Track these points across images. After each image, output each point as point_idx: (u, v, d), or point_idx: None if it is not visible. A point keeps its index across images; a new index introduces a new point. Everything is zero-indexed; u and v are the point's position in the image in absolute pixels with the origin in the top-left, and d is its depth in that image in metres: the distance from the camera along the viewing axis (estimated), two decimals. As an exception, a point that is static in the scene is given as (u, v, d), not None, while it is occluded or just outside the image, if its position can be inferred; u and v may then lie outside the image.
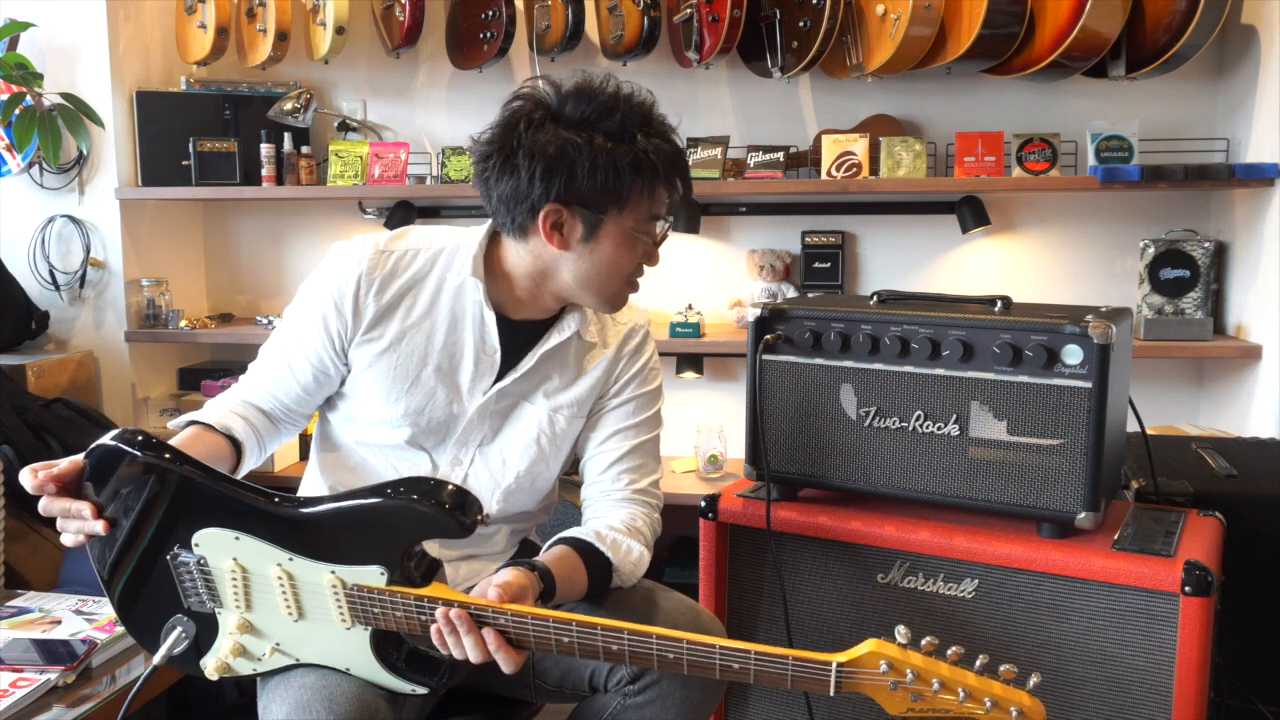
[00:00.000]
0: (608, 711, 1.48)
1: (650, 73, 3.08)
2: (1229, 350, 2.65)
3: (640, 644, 1.24)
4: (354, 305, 1.50)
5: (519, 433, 1.57)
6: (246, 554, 1.33)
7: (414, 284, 1.52)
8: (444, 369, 1.53)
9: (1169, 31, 2.53)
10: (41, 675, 1.62)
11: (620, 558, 1.48)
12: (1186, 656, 1.45)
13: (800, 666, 1.20)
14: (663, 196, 1.47)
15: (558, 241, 1.44)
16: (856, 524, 1.66)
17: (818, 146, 2.88)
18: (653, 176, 1.43)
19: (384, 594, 1.29)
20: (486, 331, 1.52)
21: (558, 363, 1.58)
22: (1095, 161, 2.72)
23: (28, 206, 3.12)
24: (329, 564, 1.31)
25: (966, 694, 1.16)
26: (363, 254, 1.51)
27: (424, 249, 1.54)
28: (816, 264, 3.04)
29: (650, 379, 1.64)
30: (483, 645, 1.26)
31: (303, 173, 3.12)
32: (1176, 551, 1.51)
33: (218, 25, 3.00)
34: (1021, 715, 1.16)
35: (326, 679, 1.33)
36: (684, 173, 1.48)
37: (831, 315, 1.69)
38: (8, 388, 2.63)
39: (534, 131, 1.41)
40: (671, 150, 1.45)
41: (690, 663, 1.23)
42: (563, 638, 1.25)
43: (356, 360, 1.53)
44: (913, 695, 1.18)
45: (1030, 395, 1.55)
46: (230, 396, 1.56)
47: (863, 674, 1.19)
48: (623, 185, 1.41)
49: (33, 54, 2.98)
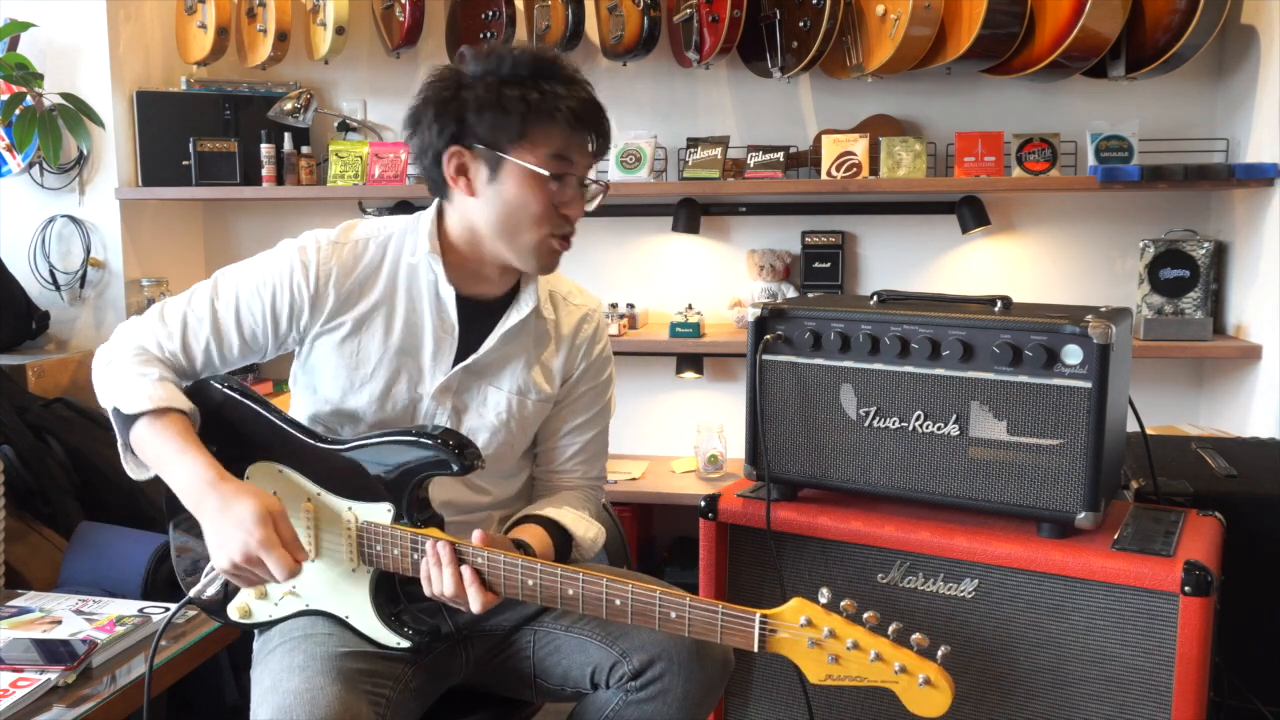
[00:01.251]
0: (610, 708, 1.48)
1: (650, 73, 3.09)
2: (1229, 350, 2.66)
3: (592, 587, 1.33)
4: (312, 295, 1.51)
5: (485, 417, 1.57)
6: (285, 487, 1.48)
7: (370, 271, 1.54)
8: (407, 349, 1.54)
9: (1169, 31, 2.53)
10: (41, 675, 1.62)
11: (581, 533, 1.57)
12: (1186, 656, 1.45)
13: (729, 617, 1.27)
14: (562, 136, 1.45)
15: (465, 187, 1.48)
16: (856, 524, 1.66)
17: (818, 146, 2.88)
18: (543, 112, 1.44)
19: (387, 530, 1.42)
20: (444, 309, 1.54)
21: (520, 345, 1.59)
22: (1095, 161, 2.73)
23: (28, 206, 3.12)
24: (349, 500, 1.45)
25: (877, 656, 1.22)
26: (319, 245, 1.53)
27: (374, 236, 1.56)
28: (816, 264, 3.04)
29: (603, 368, 1.69)
30: (458, 579, 1.35)
31: (303, 173, 3.12)
32: (1176, 551, 1.51)
33: (218, 25, 3.00)
34: (928, 683, 1.20)
35: (311, 682, 1.34)
36: (588, 117, 1.47)
37: (831, 315, 1.69)
38: (8, 388, 2.63)
39: (435, 89, 1.48)
40: (568, 93, 1.45)
41: (634, 610, 1.32)
42: (527, 579, 1.35)
43: (318, 350, 1.54)
44: (830, 656, 1.23)
45: (1030, 395, 1.56)
46: (159, 365, 1.50)
47: (783, 628, 1.25)
48: (511, 120, 1.43)
49: (33, 54, 2.98)
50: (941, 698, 1.21)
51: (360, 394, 1.53)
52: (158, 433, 1.44)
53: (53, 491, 2.45)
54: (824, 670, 1.25)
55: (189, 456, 1.41)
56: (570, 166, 1.47)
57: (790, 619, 1.25)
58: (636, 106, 3.12)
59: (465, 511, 1.57)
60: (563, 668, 1.53)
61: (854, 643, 1.22)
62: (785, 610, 1.25)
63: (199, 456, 1.41)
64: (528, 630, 1.57)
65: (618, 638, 1.48)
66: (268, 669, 1.42)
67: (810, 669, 1.26)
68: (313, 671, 1.36)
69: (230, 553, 1.33)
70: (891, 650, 1.22)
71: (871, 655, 1.22)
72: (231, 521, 1.33)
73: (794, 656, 1.26)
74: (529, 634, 1.57)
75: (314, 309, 1.52)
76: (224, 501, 1.35)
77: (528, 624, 1.58)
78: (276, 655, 1.44)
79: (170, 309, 1.54)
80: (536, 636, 1.56)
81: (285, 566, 1.32)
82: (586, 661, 1.50)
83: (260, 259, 1.55)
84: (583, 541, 1.57)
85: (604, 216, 3.17)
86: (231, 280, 1.54)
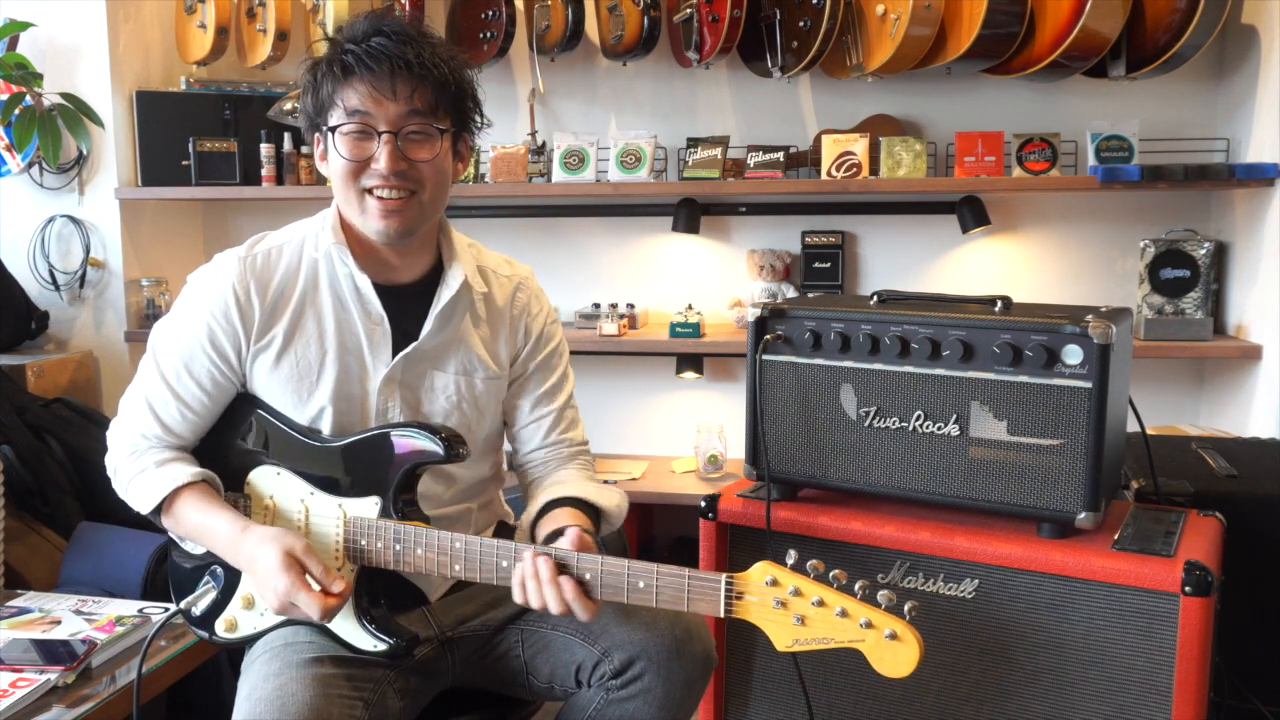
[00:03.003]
0: (591, 707, 1.48)
1: (650, 73, 3.09)
2: (1229, 350, 2.65)
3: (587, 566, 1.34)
4: (240, 314, 1.48)
5: (436, 403, 1.55)
6: (281, 489, 1.50)
7: (288, 277, 1.51)
8: (345, 347, 1.51)
9: (1169, 31, 2.53)
10: (41, 675, 1.62)
11: (607, 503, 1.56)
12: (1186, 656, 1.45)
13: (696, 581, 1.28)
14: (356, 92, 1.42)
15: (327, 170, 1.48)
16: (856, 524, 1.66)
17: (818, 146, 2.87)
18: (337, 75, 1.42)
19: (374, 524, 1.43)
20: (365, 300, 1.51)
21: (458, 325, 1.56)
22: (1095, 161, 2.72)
23: (28, 206, 3.12)
24: (339, 497, 1.46)
25: (843, 611, 1.21)
26: (228, 266, 1.49)
27: (286, 242, 1.54)
28: (816, 264, 3.04)
29: (552, 335, 1.67)
30: (560, 594, 1.31)
31: (303, 173, 3.12)
32: (1176, 551, 1.51)
33: (218, 25, 3.00)
34: (894, 637, 1.20)
35: (283, 689, 1.35)
36: (382, 63, 1.40)
37: (831, 315, 1.69)
38: (8, 388, 2.63)
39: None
40: (368, 48, 1.41)
41: (605, 584, 1.32)
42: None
43: (256, 372, 1.50)
44: (795, 617, 1.23)
45: (1030, 395, 1.55)
46: (152, 453, 1.51)
47: (750, 590, 1.25)
48: (320, 93, 1.44)
49: (33, 54, 2.98)
50: (909, 652, 1.21)
51: (310, 404, 1.50)
52: (179, 519, 1.48)
53: (52, 491, 2.45)
54: (790, 634, 1.24)
55: (210, 526, 1.45)
56: (368, 119, 1.42)
57: (756, 579, 1.26)
58: (636, 106, 3.12)
59: (437, 505, 1.56)
60: (550, 666, 1.53)
61: (819, 599, 1.23)
62: (751, 571, 1.27)
63: (219, 521, 1.44)
64: (514, 630, 1.57)
65: (599, 636, 1.48)
66: (247, 678, 1.44)
67: (777, 634, 1.25)
68: (286, 678, 1.37)
69: (270, 603, 1.37)
70: (857, 606, 1.22)
71: (837, 610, 1.22)
72: (260, 574, 1.37)
73: (760, 622, 1.26)
74: (515, 633, 1.56)
75: (244, 328, 1.48)
76: (250, 558, 1.39)
77: (513, 623, 1.57)
78: (257, 665, 1.45)
79: (133, 399, 1.53)
80: (524, 635, 1.56)
81: (317, 606, 1.33)
82: (571, 660, 1.50)
83: (181, 307, 1.52)
84: (610, 511, 1.56)
85: (604, 216, 3.17)
86: (166, 345, 1.51)
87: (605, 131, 3.10)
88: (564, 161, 2.96)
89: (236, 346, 1.49)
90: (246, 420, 1.53)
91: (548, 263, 3.19)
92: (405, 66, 1.41)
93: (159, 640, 1.78)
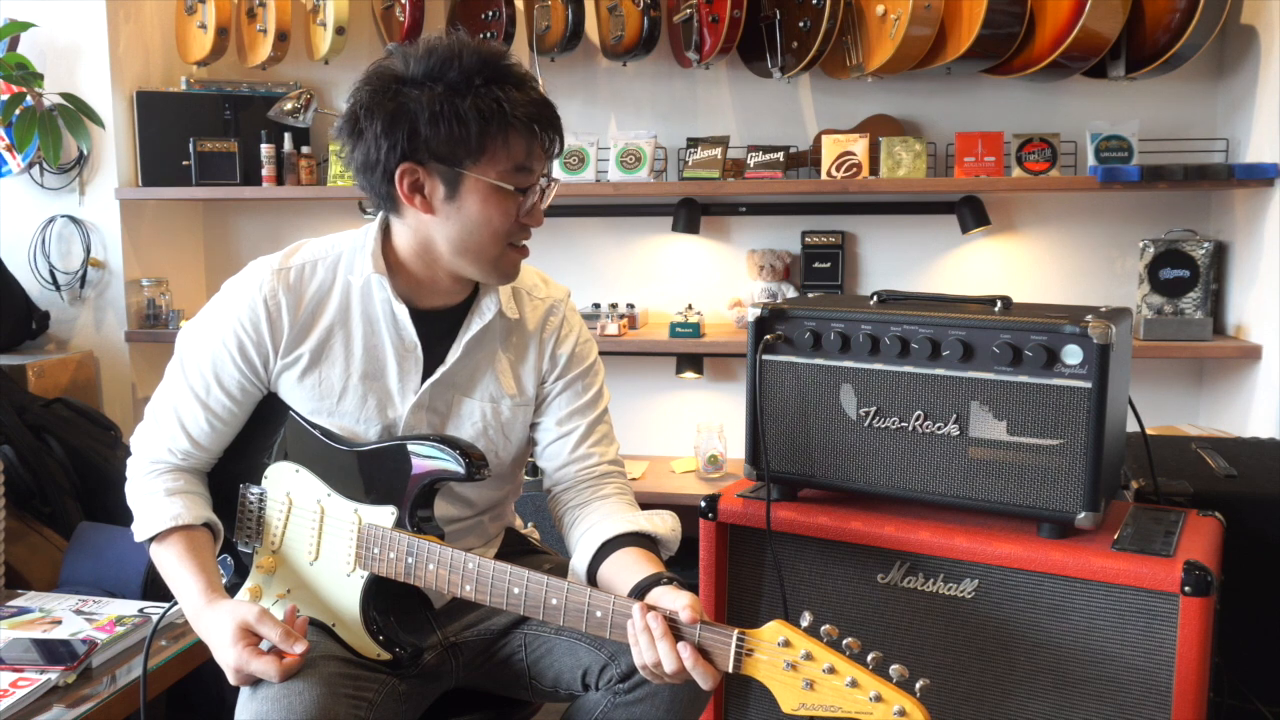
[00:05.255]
0: (598, 710, 1.48)
1: (650, 73, 3.09)
2: (1229, 350, 2.66)
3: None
4: (270, 327, 1.46)
5: (463, 429, 1.54)
6: (299, 487, 1.50)
7: (321, 296, 1.48)
8: (371, 374, 1.49)
9: (1169, 31, 2.53)
10: (41, 675, 1.62)
11: (664, 532, 1.53)
12: (1186, 656, 1.45)
13: (707, 631, 1.24)
14: (524, 146, 1.39)
15: (421, 204, 1.40)
16: (856, 524, 1.66)
17: (818, 146, 2.88)
18: (503, 123, 1.35)
19: (388, 533, 1.42)
20: (401, 327, 1.49)
21: (488, 351, 1.54)
22: (1095, 161, 2.73)
23: (28, 206, 3.12)
24: (355, 502, 1.46)
25: (853, 682, 1.18)
26: (262, 278, 1.47)
27: (322, 259, 1.50)
28: (816, 264, 3.04)
29: (586, 354, 1.62)
30: (677, 656, 1.25)
31: (303, 173, 3.12)
32: (1176, 551, 1.51)
33: (218, 25, 3.00)
34: (903, 714, 1.16)
35: (290, 686, 1.34)
36: (545, 121, 1.39)
37: (831, 315, 1.69)
38: (8, 388, 2.63)
39: (377, 95, 1.38)
40: (523, 98, 1.37)
41: (613, 624, 1.30)
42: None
43: (283, 383, 1.49)
44: (804, 681, 1.20)
45: (1030, 395, 1.55)
46: (168, 477, 1.51)
47: (761, 648, 1.22)
48: (469, 133, 1.35)
49: (33, 54, 2.98)
50: None
51: (330, 423, 1.50)
52: (161, 560, 1.48)
53: (52, 492, 2.45)
54: (798, 698, 1.21)
55: (182, 583, 1.44)
56: (531, 177, 1.41)
57: (769, 638, 1.22)
58: (636, 106, 3.12)
59: (448, 522, 1.54)
60: (554, 670, 1.52)
61: (830, 666, 1.19)
62: (764, 630, 1.22)
63: (191, 583, 1.43)
64: (517, 633, 1.56)
65: (605, 641, 1.46)
66: None
67: (784, 696, 1.22)
68: (292, 676, 1.37)
69: (230, 677, 1.37)
70: (868, 678, 1.18)
71: (847, 680, 1.18)
72: (215, 648, 1.38)
73: (768, 681, 1.23)
74: (519, 636, 1.56)
75: (273, 341, 1.47)
76: (207, 631, 1.40)
77: (516, 627, 1.57)
78: None
79: (160, 407, 1.52)
80: (527, 639, 1.55)
81: (273, 669, 1.33)
82: (577, 664, 1.50)
83: (212, 313, 1.50)
84: (667, 539, 1.53)
85: (604, 216, 3.17)
86: (195, 352, 1.50)
87: (605, 131, 3.10)
88: (564, 162, 2.96)
89: (265, 358, 1.48)
90: (269, 416, 1.53)
91: (548, 263, 3.17)
92: (559, 126, 1.43)
93: (159, 640, 1.78)
